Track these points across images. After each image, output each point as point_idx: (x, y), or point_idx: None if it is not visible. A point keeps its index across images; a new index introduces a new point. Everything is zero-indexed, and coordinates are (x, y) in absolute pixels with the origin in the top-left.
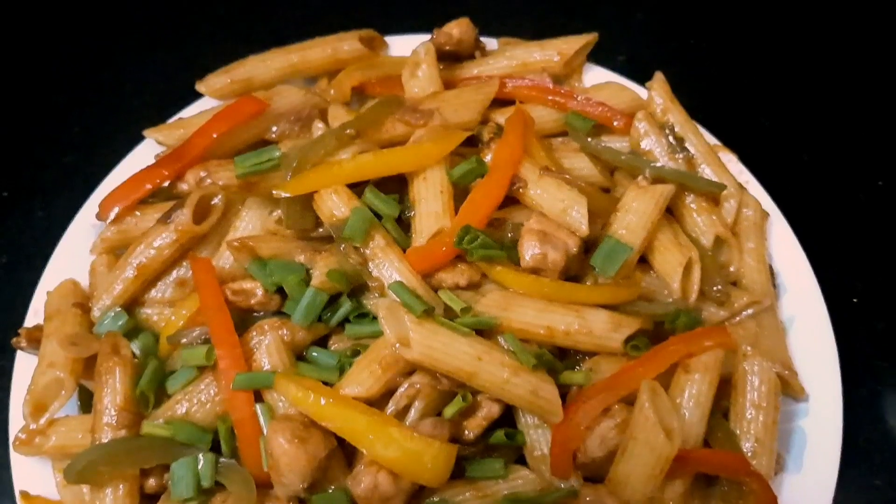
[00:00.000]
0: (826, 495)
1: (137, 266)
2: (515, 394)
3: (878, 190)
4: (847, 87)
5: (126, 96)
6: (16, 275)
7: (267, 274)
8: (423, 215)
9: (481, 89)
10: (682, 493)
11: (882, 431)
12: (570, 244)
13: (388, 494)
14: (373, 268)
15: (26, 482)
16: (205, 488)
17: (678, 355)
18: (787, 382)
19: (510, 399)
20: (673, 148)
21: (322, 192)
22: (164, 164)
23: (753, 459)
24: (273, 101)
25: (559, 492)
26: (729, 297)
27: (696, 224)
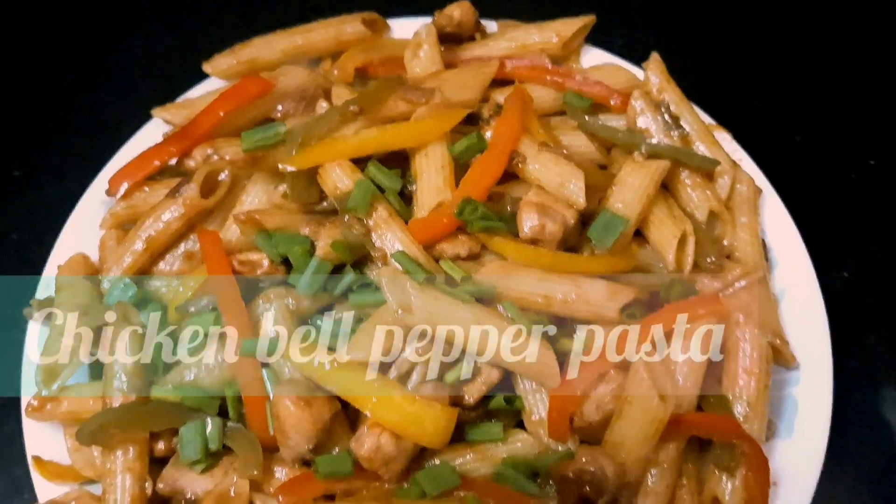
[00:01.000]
0: (816, 460)
1: (146, 239)
2: (514, 358)
3: (870, 169)
4: (839, 69)
5: (133, 78)
6: (26, 251)
7: (272, 245)
8: (425, 189)
9: (481, 69)
10: (675, 456)
11: (871, 402)
12: (568, 216)
13: (391, 456)
14: (376, 238)
15: (38, 448)
16: (212, 451)
17: (673, 323)
18: (779, 351)
19: (509, 364)
20: (668, 126)
21: (326, 166)
22: (171, 142)
23: (745, 424)
24: (278, 80)
25: (557, 454)
26: (722, 268)
27: (690, 199)
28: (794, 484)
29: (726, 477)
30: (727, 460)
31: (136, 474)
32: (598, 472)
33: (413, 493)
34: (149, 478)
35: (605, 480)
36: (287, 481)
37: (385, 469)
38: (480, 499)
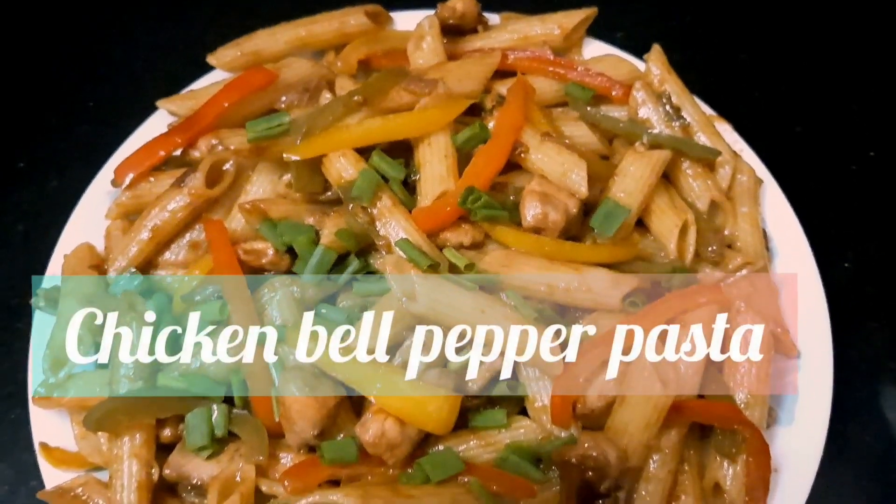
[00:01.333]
0: (816, 447)
1: (152, 228)
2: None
3: (870, 160)
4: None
5: (137, 71)
6: (31, 242)
7: (277, 234)
8: (428, 178)
9: (484, 60)
10: (677, 443)
11: (871, 390)
12: (570, 205)
13: (395, 441)
14: (380, 227)
15: (46, 435)
16: (218, 437)
17: (674, 311)
18: (780, 340)
19: None
20: (670, 116)
21: (331, 155)
22: (177, 132)
23: (746, 410)
24: (282, 72)
25: (559, 440)
26: (723, 257)
27: (691, 189)
28: (794, 470)
29: (728, 463)
30: (729, 446)
31: (142, 460)
32: (601, 458)
33: (417, 479)
34: (155, 464)
35: (608, 466)
36: (293, 466)
37: (389, 455)
38: (484, 484)
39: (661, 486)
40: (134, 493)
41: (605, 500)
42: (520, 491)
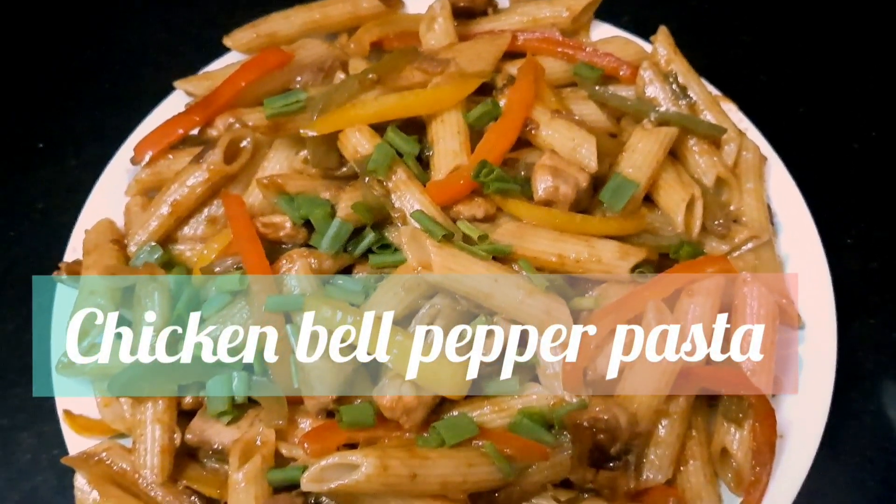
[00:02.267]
0: (821, 414)
1: (171, 203)
2: (530, 313)
3: (872, 139)
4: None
5: (153, 54)
6: (51, 220)
7: (295, 208)
8: (442, 153)
9: (495, 41)
10: (685, 408)
11: (874, 361)
12: (580, 179)
13: (411, 406)
14: (395, 199)
15: (69, 403)
16: (238, 403)
17: (682, 281)
18: (784, 311)
19: (525, 319)
20: (676, 95)
21: (346, 131)
22: (195, 111)
23: (752, 377)
24: (297, 53)
25: (571, 405)
26: (729, 231)
27: (698, 165)
28: (799, 436)
29: (735, 428)
30: (735, 412)
31: (165, 425)
32: (612, 421)
33: (433, 442)
34: (177, 429)
35: (619, 428)
36: (312, 430)
37: (406, 419)
38: (498, 447)
39: (670, 451)
40: (157, 457)
41: (615, 462)
42: (533, 454)
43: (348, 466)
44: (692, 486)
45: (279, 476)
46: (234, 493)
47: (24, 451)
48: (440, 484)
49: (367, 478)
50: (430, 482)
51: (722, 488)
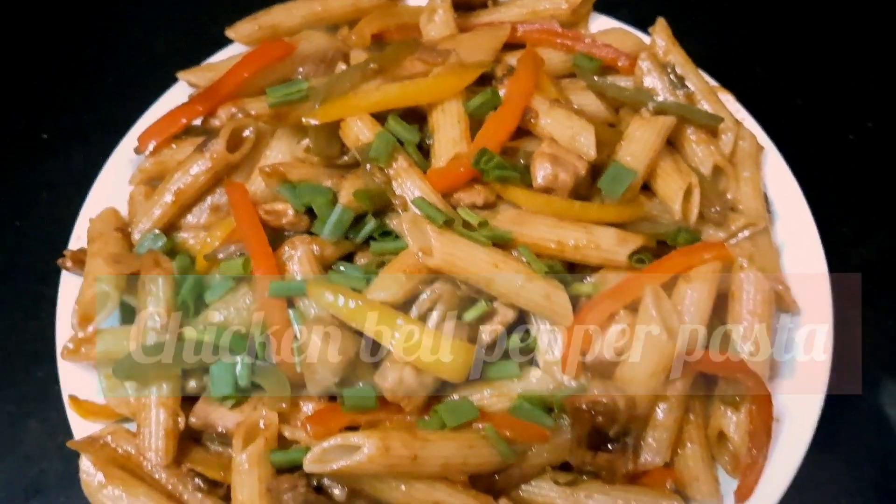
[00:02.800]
0: (816, 399)
1: (175, 191)
2: (529, 298)
3: (867, 131)
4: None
5: (156, 47)
6: (55, 210)
7: (297, 195)
8: (442, 141)
9: (495, 32)
10: (683, 393)
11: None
12: (579, 166)
13: (413, 389)
14: (396, 186)
15: (74, 389)
16: (242, 387)
17: (679, 267)
18: (781, 297)
19: (524, 304)
20: (674, 85)
21: (348, 119)
22: (198, 101)
23: (749, 362)
24: (299, 44)
25: (570, 388)
26: (726, 219)
27: (695, 154)
28: (796, 420)
29: (731, 412)
30: (732, 396)
31: (169, 409)
32: (610, 403)
33: (434, 424)
34: (181, 412)
35: (617, 411)
36: (315, 412)
37: (407, 402)
38: (498, 430)
39: (668, 434)
40: (161, 440)
41: (613, 445)
42: (532, 436)
43: (350, 448)
44: (689, 468)
45: (282, 457)
46: (237, 475)
47: (30, 438)
48: (441, 465)
49: (369, 459)
50: (431, 463)
51: (719, 471)
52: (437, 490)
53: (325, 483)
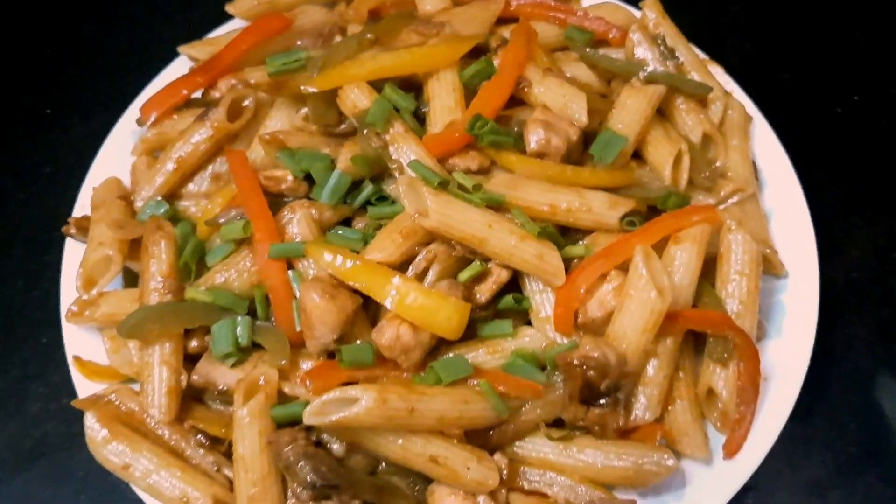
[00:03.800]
0: (803, 358)
1: (176, 160)
2: (522, 258)
3: (854, 104)
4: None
5: (156, 24)
6: (57, 183)
7: (296, 162)
8: (437, 109)
9: (489, 5)
10: (673, 349)
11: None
12: (571, 132)
13: (409, 345)
14: (393, 151)
15: (78, 351)
16: (242, 347)
17: (669, 229)
18: (769, 260)
19: (517, 264)
20: (664, 56)
21: (345, 87)
22: (198, 73)
23: (737, 320)
24: (297, 18)
25: (562, 346)
26: (715, 185)
27: (685, 122)
28: (783, 379)
29: (720, 369)
30: (721, 352)
31: (171, 367)
32: (602, 358)
33: (430, 380)
34: (184, 371)
35: (608, 365)
36: (313, 368)
37: (404, 358)
38: (492, 385)
39: (658, 390)
40: (164, 398)
41: (605, 400)
42: (526, 391)
43: (349, 401)
44: (679, 424)
45: (282, 412)
46: (238, 429)
47: (34, 401)
48: (437, 419)
49: (367, 411)
50: (428, 416)
51: (708, 427)
52: (433, 444)
53: (324, 438)
